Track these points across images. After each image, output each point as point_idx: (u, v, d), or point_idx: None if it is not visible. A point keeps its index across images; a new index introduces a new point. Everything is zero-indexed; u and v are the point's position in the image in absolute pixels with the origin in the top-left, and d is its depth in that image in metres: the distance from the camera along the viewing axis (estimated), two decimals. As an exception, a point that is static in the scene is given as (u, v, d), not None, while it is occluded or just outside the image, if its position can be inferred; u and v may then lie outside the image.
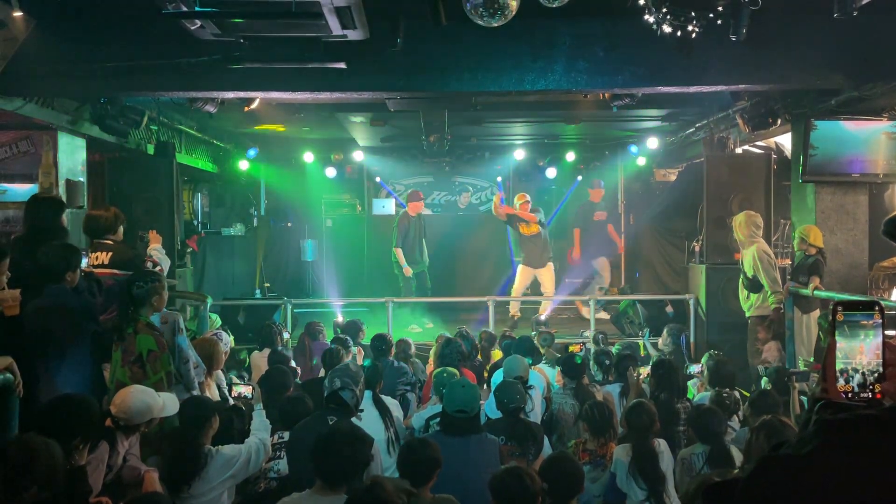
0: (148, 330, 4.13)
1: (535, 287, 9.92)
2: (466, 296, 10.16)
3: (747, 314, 7.17)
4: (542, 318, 8.70)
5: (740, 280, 7.21)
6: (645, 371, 5.67)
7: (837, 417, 0.96)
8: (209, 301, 6.95)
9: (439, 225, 11.93)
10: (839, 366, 1.10)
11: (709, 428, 4.03)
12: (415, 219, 9.89)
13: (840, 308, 1.12)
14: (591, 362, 6.01)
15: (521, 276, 9.69)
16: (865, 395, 1.08)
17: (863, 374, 1.09)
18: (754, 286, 6.94)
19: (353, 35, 5.29)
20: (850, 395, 1.09)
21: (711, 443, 3.98)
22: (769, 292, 6.78)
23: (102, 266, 4.90)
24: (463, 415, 3.91)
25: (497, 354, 6.66)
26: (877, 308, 1.11)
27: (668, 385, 4.85)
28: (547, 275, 9.64)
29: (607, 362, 5.90)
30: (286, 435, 4.11)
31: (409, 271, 9.63)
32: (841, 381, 1.10)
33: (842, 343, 1.10)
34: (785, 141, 8.40)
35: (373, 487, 2.88)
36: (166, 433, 3.90)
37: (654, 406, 4.29)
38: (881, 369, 1.09)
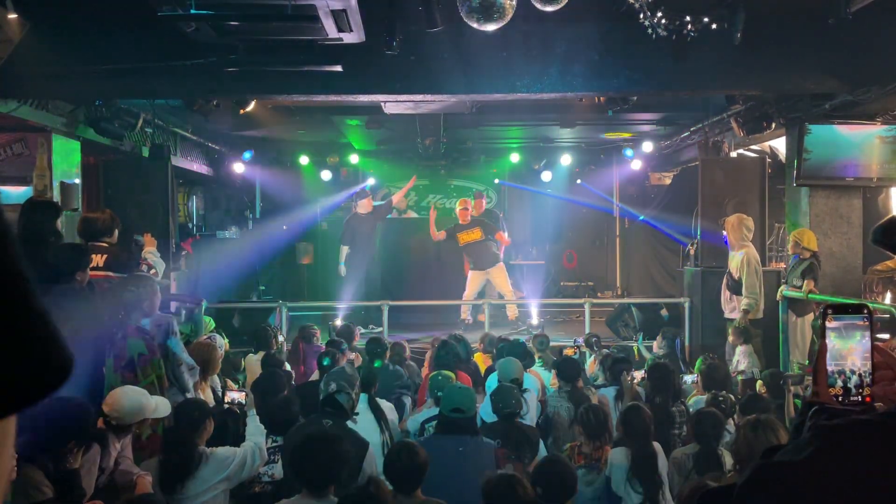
0: (138, 334, 4.12)
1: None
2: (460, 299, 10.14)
3: (727, 315, 7.20)
4: (535, 321, 8.70)
5: (724, 281, 7.23)
6: (639, 375, 5.68)
7: (832, 423, 0.96)
8: (204, 304, 6.94)
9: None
10: (830, 369, 1.11)
11: (703, 429, 4.03)
12: (365, 217, 9.68)
13: (830, 311, 1.13)
14: (597, 364, 6.01)
15: (472, 280, 9.56)
16: (856, 398, 1.09)
17: (853, 377, 1.10)
18: (739, 288, 6.97)
19: (348, 38, 5.29)
20: (840, 398, 1.09)
21: (702, 444, 3.99)
22: (744, 296, 6.81)
23: (97, 268, 4.88)
24: (460, 414, 3.91)
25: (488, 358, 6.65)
26: (866, 311, 1.12)
27: (664, 388, 4.85)
28: (499, 275, 9.47)
29: (609, 362, 5.92)
30: (280, 439, 4.10)
31: (342, 270, 9.53)
32: (832, 385, 1.10)
33: (832, 346, 1.11)
34: (779, 145, 8.43)
35: (367, 486, 2.88)
36: (161, 434, 3.90)
37: (650, 409, 4.29)
38: (871, 372, 1.10)
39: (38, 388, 0.58)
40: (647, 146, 10.77)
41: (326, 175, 12.46)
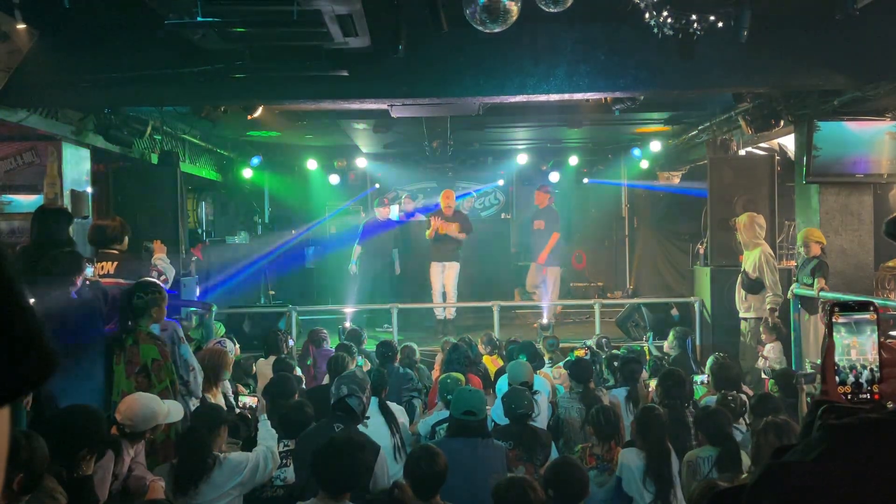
0: (150, 339, 4.14)
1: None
2: (468, 300, 10.14)
3: (742, 315, 7.16)
4: (545, 322, 8.68)
5: (738, 280, 7.20)
6: (646, 376, 5.65)
7: (842, 422, 0.95)
8: (214, 309, 6.96)
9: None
10: (838, 366, 1.10)
11: (719, 429, 4.01)
12: (383, 224, 10.09)
13: (837, 309, 1.12)
14: (604, 366, 5.99)
15: (435, 273, 9.73)
16: (864, 395, 1.08)
17: (864, 372, 1.09)
18: (755, 287, 6.93)
19: (354, 43, 5.30)
20: (849, 396, 1.09)
21: (721, 445, 3.96)
22: (769, 294, 6.78)
23: (108, 276, 4.92)
24: (471, 416, 3.91)
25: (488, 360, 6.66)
26: (872, 308, 1.11)
27: (677, 393, 4.82)
28: (451, 272, 9.65)
29: (616, 364, 5.90)
30: (292, 443, 4.11)
31: (353, 269, 9.84)
32: (840, 383, 1.10)
33: (840, 343, 1.11)
34: (788, 142, 8.38)
35: (392, 491, 2.89)
36: (175, 438, 3.91)
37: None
38: (878, 370, 1.09)
39: (23, 380, 0.59)
40: (655, 145, 10.75)
41: (334, 179, 12.50)
